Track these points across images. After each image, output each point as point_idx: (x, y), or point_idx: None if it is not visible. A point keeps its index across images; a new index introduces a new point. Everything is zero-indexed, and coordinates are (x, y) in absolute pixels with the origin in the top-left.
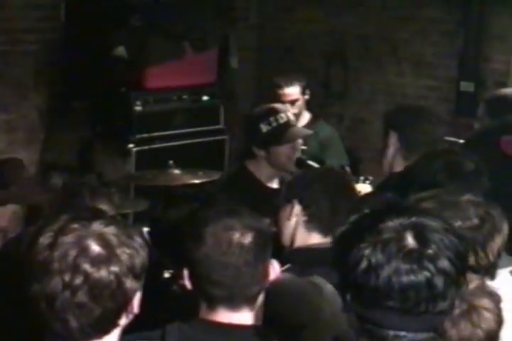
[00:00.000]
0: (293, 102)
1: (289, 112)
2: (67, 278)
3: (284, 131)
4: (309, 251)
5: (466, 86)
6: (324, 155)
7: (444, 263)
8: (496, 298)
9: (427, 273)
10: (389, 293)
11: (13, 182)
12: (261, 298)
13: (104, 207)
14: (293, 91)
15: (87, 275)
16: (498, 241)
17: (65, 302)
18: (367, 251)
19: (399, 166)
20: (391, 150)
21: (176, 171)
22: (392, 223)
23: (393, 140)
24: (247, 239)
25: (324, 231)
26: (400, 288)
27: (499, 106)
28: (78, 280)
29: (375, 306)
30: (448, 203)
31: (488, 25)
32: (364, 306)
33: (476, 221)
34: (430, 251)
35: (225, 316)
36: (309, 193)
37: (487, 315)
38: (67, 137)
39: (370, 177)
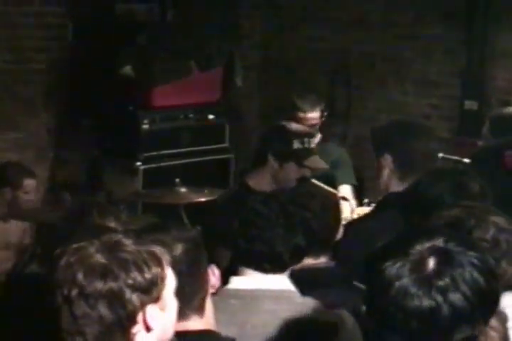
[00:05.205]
0: (312, 126)
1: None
2: (65, 291)
3: (308, 156)
4: (303, 271)
5: (470, 104)
6: (336, 174)
7: (455, 297)
8: (501, 317)
9: (432, 302)
10: (395, 313)
11: (24, 176)
12: (210, 304)
13: (111, 224)
14: (315, 115)
15: (82, 288)
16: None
17: (65, 315)
18: (387, 264)
19: (395, 186)
20: (387, 172)
21: (183, 189)
22: (421, 246)
23: (388, 161)
24: (177, 251)
25: (317, 253)
26: (404, 310)
27: (503, 125)
28: (74, 292)
29: (382, 326)
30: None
31: (491, 44)
32: (374, 322)
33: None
34: (441, 283)
35: (178, 326)
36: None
37: (493, 334)
38: (76, 155)
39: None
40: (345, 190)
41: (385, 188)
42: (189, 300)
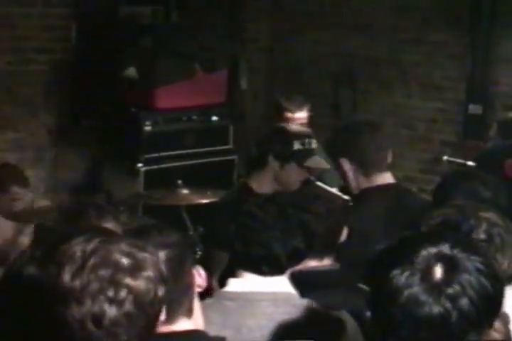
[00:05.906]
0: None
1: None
2: (110, 293)
3: (310, 156)
4: (303, 273)
5: (474, 109)
6: (323, 177)
7: (463, 303)
8: (504, 318)
9: (441, 309)
10: (404, 321)
11: (13, 183)
12: (198, 304)
13: (109, 225)
14: (303, 115)
15: (129, 287)
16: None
17: (113, 317)
18: (394, 272)
19: (364, 183)
20: (351, 175)
21: (185, 191)
22: (427, 252)
23: (347, 166)
24: (160, 259)
25: (321, 255)
26: (413, 318)
27: (510, 129)
28: (123, 293)
29: (388, 334)
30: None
31: (495, 48)
32: (379, 329)
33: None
34: (450, 290)
35: (166, 328)
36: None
37: (495, 335)
38: (76, 156)
39: None
40: None
41: (357, 189)
42: (177, 304)
